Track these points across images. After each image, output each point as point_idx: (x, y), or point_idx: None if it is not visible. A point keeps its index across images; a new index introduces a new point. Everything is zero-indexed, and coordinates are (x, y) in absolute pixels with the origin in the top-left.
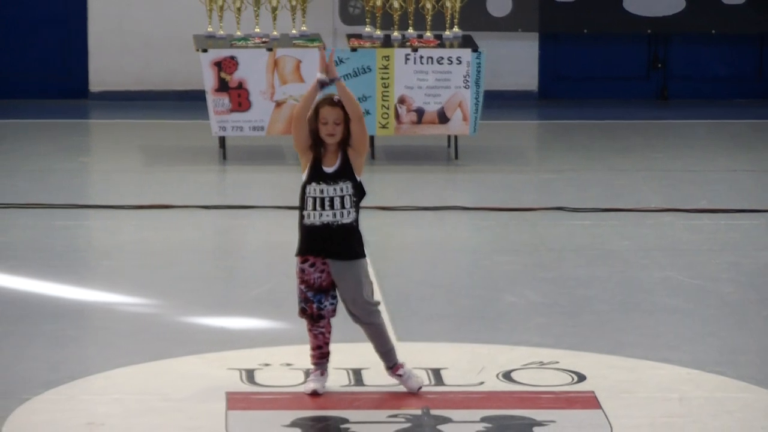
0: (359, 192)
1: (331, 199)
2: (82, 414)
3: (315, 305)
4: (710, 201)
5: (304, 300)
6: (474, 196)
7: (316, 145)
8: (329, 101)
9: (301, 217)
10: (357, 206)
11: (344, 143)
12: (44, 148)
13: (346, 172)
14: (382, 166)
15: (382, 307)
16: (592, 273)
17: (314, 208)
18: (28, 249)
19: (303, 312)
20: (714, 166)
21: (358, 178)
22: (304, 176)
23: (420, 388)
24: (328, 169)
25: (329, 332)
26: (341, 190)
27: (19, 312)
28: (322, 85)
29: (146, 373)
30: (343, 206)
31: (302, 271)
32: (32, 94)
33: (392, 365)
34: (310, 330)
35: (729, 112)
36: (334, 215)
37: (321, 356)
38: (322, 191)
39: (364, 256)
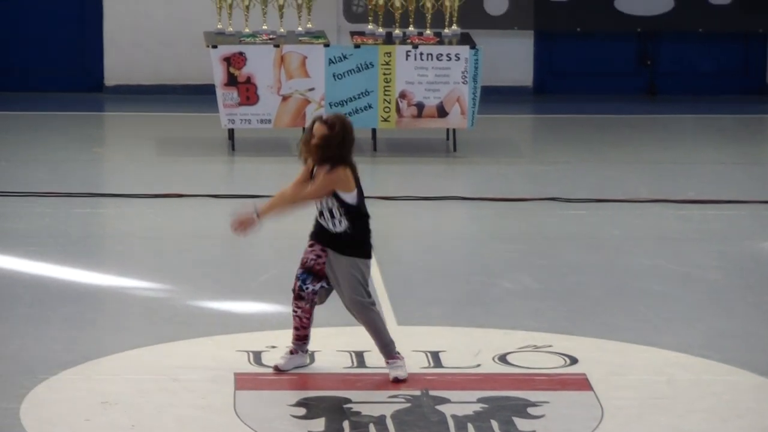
0: (348, 207)
1: (322, 211)
2: (96, 393)
3: (299, 283)
4: (697, 192)
5: (296, 277)
6: (471, 186)
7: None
8: (319, 118)
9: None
10: (350, 218)
11: (329, 166)
12: (61, 139)
13: None
14: (383, 157)
15: (383, 294)
16: (585, 260)
17: (318, 215)
18: (45, 236)
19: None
20: (701, 159)
21: (346, 198)
22: None
23: (396, 379)
24: None
25: (308, 318)
26: (328, 203)
27: (37, 296)
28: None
29: (158, 354)
30: (332, 217)
31: (304, 251)
32: (50, 88)
33: (388, 356)
34: (292, 309)
35: (715, 107)
36: (327, 224)
37: (297, 338)
38: (318, 203)
39: (360, 256)
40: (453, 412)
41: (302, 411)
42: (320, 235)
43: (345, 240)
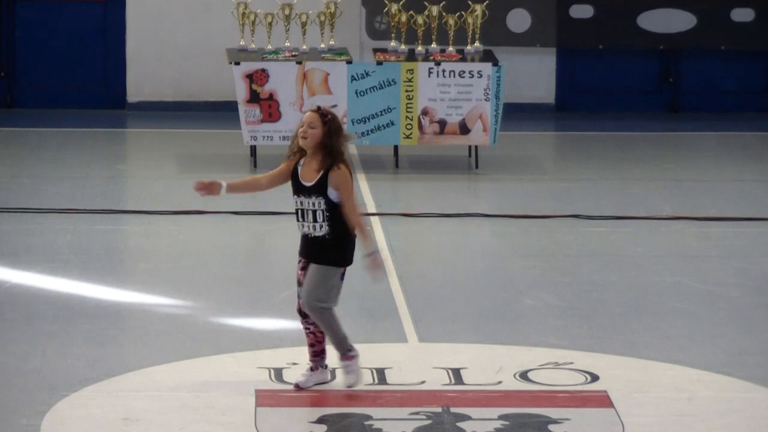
0: (334, 208)
1: (306, 212)
2: (118, 409)
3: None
4: (719, 209)
5: (297, 296)
6: (494, 203)
7: (300, 153)
8: (313, 108)
9: None
10: (332, 222)
11: (328, 164)
12: (84, 156)
13: (321, 189)
14: (405, 174)
15: (404, 311)
16: (606, 278)
17: (297, 219)
18: (68, 252)
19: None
20: (723, 176)
21: (334, 197)
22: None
23: (349, 387)
24: (306, 183)
25: (321, 332)
26: (314, 204)
27: (59, 312)
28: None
29: (180, 370)
30: (314, 220)
31: (298, 268)
32: (73, 105)
33: (342, 354)
34: (304, 327)
35: (737, 125)
36: (307, 228)
37: (314, 354)
38: (301, 203)
39: (336, 264)
40: (474, 429)
41: (323, 428)
42: (302, 247)
43: (325, 247)
